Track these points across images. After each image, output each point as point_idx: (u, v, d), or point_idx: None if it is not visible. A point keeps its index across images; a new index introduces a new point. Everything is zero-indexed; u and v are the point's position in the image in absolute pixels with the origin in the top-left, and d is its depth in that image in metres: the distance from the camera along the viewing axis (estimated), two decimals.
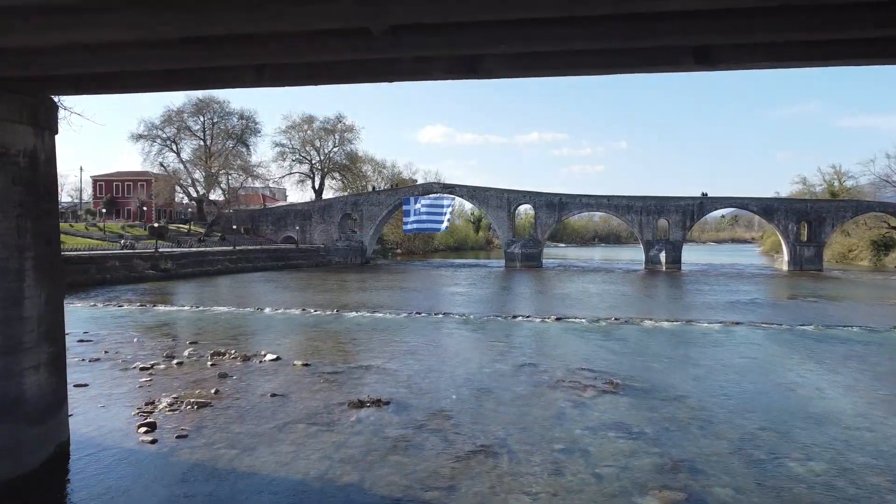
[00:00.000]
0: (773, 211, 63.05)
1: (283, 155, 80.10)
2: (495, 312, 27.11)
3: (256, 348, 18.08)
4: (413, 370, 15.62)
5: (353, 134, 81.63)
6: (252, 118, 72.66)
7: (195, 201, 71.42)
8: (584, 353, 18.19)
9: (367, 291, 37.03)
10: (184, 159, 68.63)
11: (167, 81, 8.74)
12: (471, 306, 30.22)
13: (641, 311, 28.48)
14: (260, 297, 34.96)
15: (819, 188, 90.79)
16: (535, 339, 20.51)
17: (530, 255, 64.16)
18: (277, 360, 16.50)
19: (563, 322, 24.28)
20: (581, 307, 29.66)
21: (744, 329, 23.03)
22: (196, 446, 9.96)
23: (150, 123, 67.41)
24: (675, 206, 63.43)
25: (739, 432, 10.92)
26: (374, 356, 17.42)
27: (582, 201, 65.54)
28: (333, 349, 18.52)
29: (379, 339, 20.50)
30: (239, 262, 54.22)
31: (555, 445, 10.18)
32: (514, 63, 7.52)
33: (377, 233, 73.18)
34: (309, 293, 36.46)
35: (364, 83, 8.71)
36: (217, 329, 22.45)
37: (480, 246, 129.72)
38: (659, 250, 62.96)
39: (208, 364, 15.97)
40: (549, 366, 16.19)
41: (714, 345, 19.79)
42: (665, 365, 16.68)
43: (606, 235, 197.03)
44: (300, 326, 23.11)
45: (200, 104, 69.45)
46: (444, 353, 18.09)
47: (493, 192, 66.47)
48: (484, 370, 15.74)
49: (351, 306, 28.74)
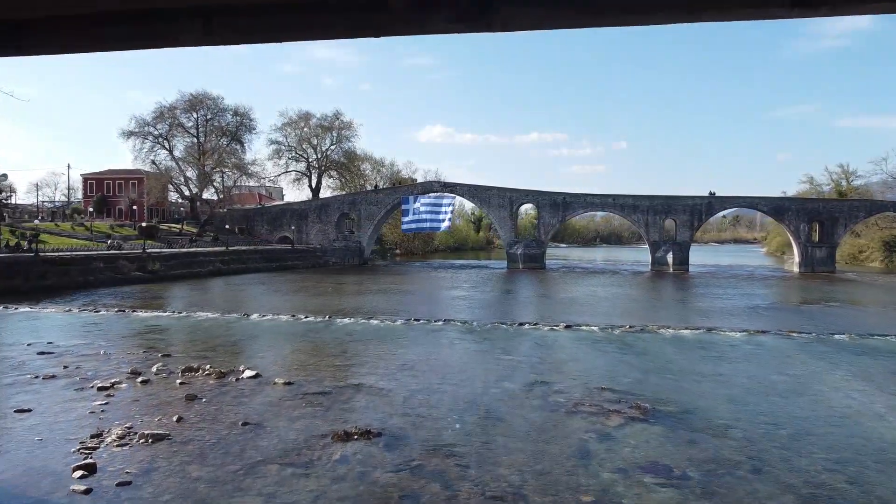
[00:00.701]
0: (784, 211, 61.11)
1: (279, 153, 78.17)
2: (499, 319, 25.18)
3: (235, 363, 16.15)
4: (409, 390, 13.71)
5: (351, 131, 79.73)
6: (247, 115, 70.67)
7: (188, 200, 69.40)
8: (602, 368, 16.28)
9: (363, 295, 35.12)
10: (176, 157, 66.62)
11: (96, 40, 6.84)
12: (473, 312, 28.31)
13: (657, 318, 26.56)
14: (249, 301, 33.04)
15: (826, 188, 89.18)
16: (546, 351, 18.60)
17: (533, 256, 62.23)
18: (256, 378, 14.59)
19: (574, 331, 22.38)
20: (591, 313, 27.74)
21: (771, 339, 21.12)
22: (139, 498, 8.04)
23: (141, 120, 65.46)
24: (682, 205, 61.49)
25: (802, 477, 9.01)
26: (366, 372, 15.50)
27: (586, 201, 63.59)
28: (321, 364, 16.59)
29: (373, 350, 18.58)
30: (231, 264, 52.28)
31: (582, 497, 8.26)
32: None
33: (375, 233, 71.25)
34: (301, 297, 34.54)
35: (343, 38, 6.76)
36: (196, 338, 20.54)
37: (481, 246, 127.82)
38: (666, 251, 61.05)
39: (177, 382, 14.06)
40: (565, 385, 14.29)
41: (744, 358, 17.87)
42: (695, 383, 14.77)
43: (608, 236, 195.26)
44: (287, 335, 21.19)
45: (194, 100, 67.49)
46: (444, 368, 16.17)
47: (495, 192, 64.52)
48: (491, 390, 13.83)
49: (345, 312, 26.82)
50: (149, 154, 65.66)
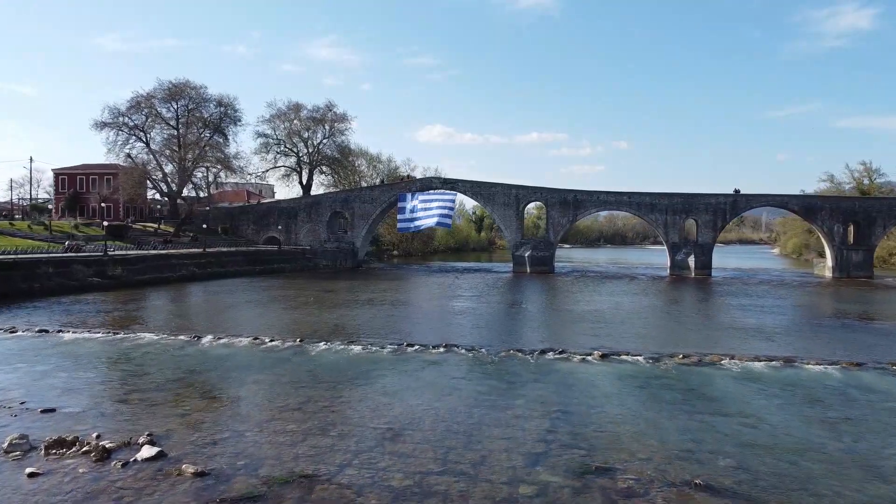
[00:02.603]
0: (816, 210, 55.83)
1: (267, 147, 72.52)
2: (515, 344, 19.98)
3: (137, 427, 10.97)
4: (392, 490, 8.52)
5: (344, 124, 74.02)
6: (232, 105, 64.96)
7: (167, 197, 63.95)
8: (676, 435, 11.09)
9: (350, 307, 29.88)
10: (154, 150, 61.09)
11: None
12: (480, 333, 23.10)
13: (709, 342, 21.37)
14: (213, 315, 27.79)
15: (848, 186, 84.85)
16: (585, 400, 13.39)
17: (541, 259, 56.94)
18: (157, 461, 9.45)
19: (613, 363, 17.22)
20: (625, 334, 22.54)
21: (875, 376, 15.97)
22: None
23: (115, 110, 59.88)
24: (704, 204, 56.23)
25: None
26: (329, 448, 10.30)
27: (599, 199, 58.28)
28: (264, 430, 11.35)
29: (346, 400, 13.38)
30: (208, 267, 47.01)
31: None
32: None
33: (370, 233, 65.94)
34: (276, 310, 29.28)
35: None
36: (111, 378, 15.33)
37: (483, 247, 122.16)
38: (687, 254, 55.79)
39: (26, 472, 8.91)
40: (633, 474, 9.13)
41: (868, 413, 12.66)
42: (828, 468, 9.57)
43: (612, 236, 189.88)
44: (237, 372, 15.97)
45: (174, 89, 62.01)
46: (447, 438, 10.96)
47: (500, 189, 59.20)
48: (522, 489, 8.63)
49: (321, 332, 21.60)
50: (123, 147, 60.29)
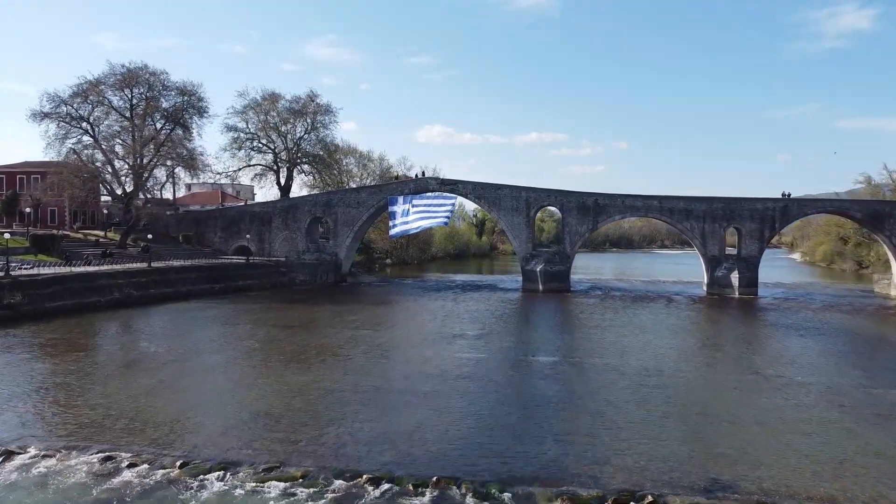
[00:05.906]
0: (884, 218, 46.83)
1: (238, 142, 63.26)
2: (555, 469, 11.07)
3: None
4: None
5: (329, 117, 64.83)
6: (196, 94, 55.97)
7: (119, 201, 54.90)
8: None
9: (302, 363, 20.98)
10: (103, 146, 52.22)
11: None
12: (491, 436, 14.21)
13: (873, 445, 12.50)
14: (74, 389, 18.82)
15: (886, 189, 77.04)
16: None
17: (556, 275, 47.94)
18: None
19: None
20: (727, 429, 13.64)
21: None
22: None
23: (56, 98, 50.97)
24: (749, 210, 47.30)
25: None
26: None
27: (625, 203, 49.29)
28: None
29: None
30: (151, 288, 38.05)
31: None
32: None
33: (356, 242, 56.90)
34: (192, 373, 20.33)
35: None
36: None
37: (484, 252, 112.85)
38: (729, 269, 46.81)
39: None
40: None
41: None
42: None
43: (618, 239, 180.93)
44: None
45: (128, 74, 53.09)
46: None
47: (508, 191, 50.18)
48: None
49: (221, 436, 12.69)
50: (65, 141, 51.40)
